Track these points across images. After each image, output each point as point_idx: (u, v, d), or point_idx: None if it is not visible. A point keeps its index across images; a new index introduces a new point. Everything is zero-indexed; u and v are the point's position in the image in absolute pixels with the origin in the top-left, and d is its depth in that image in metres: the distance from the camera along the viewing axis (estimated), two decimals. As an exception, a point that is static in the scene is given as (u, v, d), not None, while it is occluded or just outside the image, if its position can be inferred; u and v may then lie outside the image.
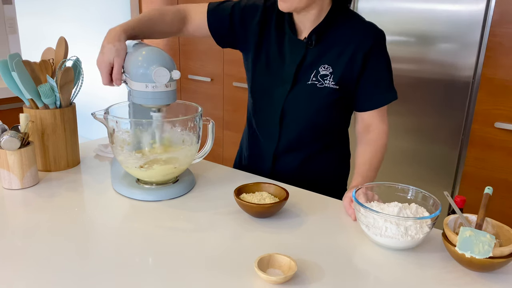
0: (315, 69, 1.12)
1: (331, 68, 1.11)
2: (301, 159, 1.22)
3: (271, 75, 1.18)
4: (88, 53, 2.58)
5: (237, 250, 0.85)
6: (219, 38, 1.25)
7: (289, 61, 1.15)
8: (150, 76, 0.97)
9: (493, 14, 1.73)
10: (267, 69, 1.19)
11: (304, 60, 1.13)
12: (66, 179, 1.15)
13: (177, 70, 1.00)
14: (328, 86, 1.12)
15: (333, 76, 1.11)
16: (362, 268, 0.81)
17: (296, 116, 1.17)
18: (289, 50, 1.15)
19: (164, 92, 1.01)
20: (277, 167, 1.24)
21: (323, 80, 1.12)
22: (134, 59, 1.01)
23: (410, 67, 1.98)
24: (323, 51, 1.12)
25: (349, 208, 0.99)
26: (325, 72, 1.11)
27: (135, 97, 1.02)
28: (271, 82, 1.18)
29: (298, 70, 1.13)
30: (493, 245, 0.75)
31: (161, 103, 1.02)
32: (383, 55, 1.13)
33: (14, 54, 1.11)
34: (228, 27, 1.21)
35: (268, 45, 1.18)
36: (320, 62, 1.12)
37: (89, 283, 0.73)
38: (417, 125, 2.04)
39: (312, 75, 1.12)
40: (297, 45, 1.14)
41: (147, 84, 0.98)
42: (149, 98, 1.00)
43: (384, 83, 1.14)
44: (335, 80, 1.11)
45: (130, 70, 1.01)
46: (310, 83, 1.13)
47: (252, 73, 1.22)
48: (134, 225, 0.94)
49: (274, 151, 1.23)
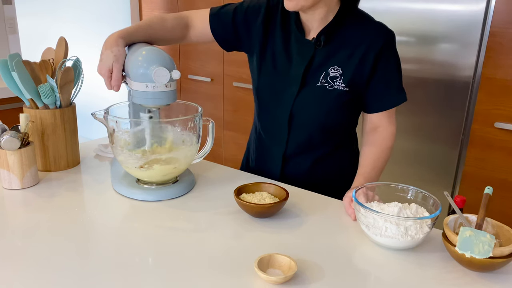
0: (324, 71, 1.10)
1: (341, 70, 1.09)
2: (311, 161, 1.20)
3: (278, 75, 1.16)
4: (88, 54, 2.59)
5: (237, 250, 0.85)
6: (223, 43, 1.24)
7: (297, 61, 1.12)
8: (150, 76, 0.97)
9: (493, 14, 1.73)
10: (273, 69, 1.16)
11: (313, 61, 1.11)
12: (66, 179, 1.15)
13: (177, 70, 1.00)
14: (338, 88, 1.09)
15: (343, 77, 1.09)
16: (362, 268, 0.81)
17: (306, 119, 1.15)
18: (296, 50, 1.13)
19: (164, 92, 1.00)
20: (287, 170, 1.22)
21: (333, 82, 1.09)
22: (134, 59, 1.00)
23: (410, 67, 1.98)
24: (332, 52, 1.10)
25: (349, 208, 0.99)
26: (335, 74, 1.09)
27: (135, 97, 1.02)
28: (278, 82, 1.16)
29: (306, 72, 1.11)
30: (493, 245, 0.75)
31: (161, 103, 1.01)
32: (394, 56, 1.12)
33: (14, 54, 1.11)
34: (232, 30, 1.20)
35: (274, 45, 1.16)
36: (329, 63, 1.10)
37: (89, 283, 0.73)
38: (417, 125, 2.04)
39: (321, 77, 1.10)
40: (305, 45, 1.12)
41: (147, 84, 0.98)
42: (149, 98, 1.00)
43: (395, 84, 1.13)
44: (345, 82, 1.09)
45: (130, 70, 1.01)
46: (320, 85, 1.10)
47: (258, 74, 1.20)
48: (134, 225, 0.94)
49: (283, 155, 1.20)
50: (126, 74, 1.03)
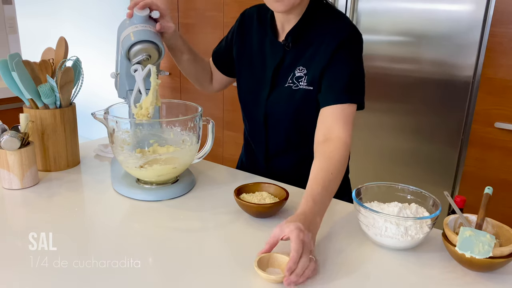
0: (292, 72, 1.11)
1: (305, 70, 1.09)
2: (293, 163, 1.23)
3: (254, 78, 1.19)
4: (88, 54, 2.59)
5: (237, 250, 0.85)
6: (231, 73, 1.30)
7: (269, 63, 1.15)
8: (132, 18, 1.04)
9: (493, 14, 1.73)
10: (250, 72, 1.20)
11: (283, 63, 1.12)
12: (66, 179, 1.15)
13: (157, 11, 1.06)
14: (302, 87, 1.10)
15: (306, 77, 1.09)
16: (362, 268, 0.81)
17: (279, 119, 1.17)
18: (270, 53, 1.15)
19: (148, 31, 1.03)
20: (270, 170, 1.25)
21: (298, 82, 1.11)
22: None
23: (410, 67, 1.98)
24: (299, 53, 1.11)
25: (272, 237, 0.80)
26: (300, 74, 1.10)
27: (123, 48, 1.03)
28: (254, 85, 1.19)
29: (276, 73, 1.13)
30: (493, 245, 0.75)
31: (145, 37, 1.02)
32: (355, 51, 1.06)
33: (14, 54, 1.11)
34: (228, 54, 1.26)
35: (251, 50, 1.20)
36: (297, 64, 1.11)
37: (89, 283, 0.73)
38: (417, 125, 2.03)
39: (289, 78, 1.12)
40: (276, 47, 1.14)
41: (129, 31, 1.02)
42: (134, 37, 1.02)
43: (353, 81, 1.05)
44: (307, 81, 1.09)
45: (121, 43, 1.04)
46: (287, 85, 1.12)
47: (239, 78, 1.25)
48: (134, 225, 0.94)
49: (265, 154, 1.24)
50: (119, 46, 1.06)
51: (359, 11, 2.06)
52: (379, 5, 2.02)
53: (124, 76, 1.10)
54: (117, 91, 1.19)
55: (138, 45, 1.02)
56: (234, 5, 2.49)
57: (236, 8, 2.49)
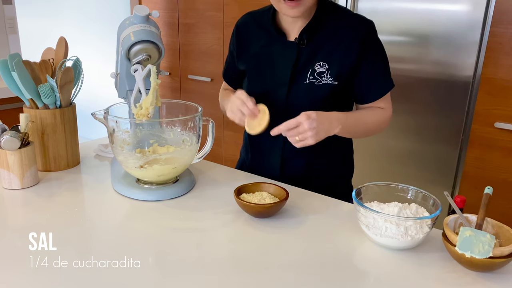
0: (310, 68, 1.12)
1: (326, 65, 1.11)
2: (308, 159, 1.20)
3: (267, 82, 1.18)
4: (88, 54, 2.59)
5: (237, 250, 0.85)
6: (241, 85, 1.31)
7: (282, 64, 1.15)
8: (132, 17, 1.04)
9: (493, 14, 1.73)
10: (261, 77, 1.19)
11: (298, 61, 1.13)
12: (66, 179, 1.15)
13: (157, 11, 1.06)
14: (326, 82, 1.11)
15: (330, 72, 1.11)
16: (362, 268, 0.81)
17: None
18: (280, 54, 1.15)
19: (148, 31, 1.03)
20: (285, 171, 1.22)
21: (320, 77, 1.11)
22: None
23: (410, 67, 1.98)
24: (316, 49, 1.12)
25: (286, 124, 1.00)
26: (322, 69, 1.11)
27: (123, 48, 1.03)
28: (268, 88, 1.17)
29: (293, 71, 1.13)
30: (493, 245, 0.75)
31: (145, 37, 1.02)
32: (378, 44, 1.14)
33: (14, 54, 1.11)
34: (239, 71, 1.27)
35: (255, 55, 1.20)
36: (315, 60, 1.12)
37: (89, 282, 0.73)
38: (417, 125, 2.03)
39: (308, 74, 1.12)
40: (288, 47, 1.14)
41: (129, 31, 1.03)
42: (134, 37, 1.02)
43: (382, 72, 1.15)
44: (332, 76, 1.11)
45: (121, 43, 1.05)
46: (308, 82, 1.12)
47: (248, 87, 1.22)
48: (134, 225, 0.94)
49: (281, 156, 1.20)
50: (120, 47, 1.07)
51: (359, 11, 2.06)
52: (379, 5, 2.02)
53: (124, 76, 1.11)
54: (117, 91, 1.19)
55: (138, 45, 1.02)
56: (234, 5, 2.49)
57: (236, 8, 2.49)
